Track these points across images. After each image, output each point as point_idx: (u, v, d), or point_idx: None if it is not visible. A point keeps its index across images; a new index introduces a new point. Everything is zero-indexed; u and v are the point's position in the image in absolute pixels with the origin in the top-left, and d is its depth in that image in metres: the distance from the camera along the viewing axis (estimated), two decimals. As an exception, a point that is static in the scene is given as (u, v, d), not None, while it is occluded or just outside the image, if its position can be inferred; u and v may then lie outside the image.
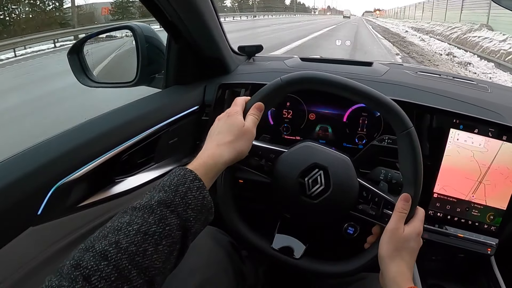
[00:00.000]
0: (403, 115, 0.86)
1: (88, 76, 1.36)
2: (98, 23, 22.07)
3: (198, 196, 0.67)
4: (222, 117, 0.86)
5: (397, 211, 0.83)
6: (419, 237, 0.84)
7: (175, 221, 0.63)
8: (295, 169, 0.91)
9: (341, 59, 1.61)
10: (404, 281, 0.77)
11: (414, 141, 0.85)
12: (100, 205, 0.97)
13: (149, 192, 0.67)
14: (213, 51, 1.31)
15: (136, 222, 0.60)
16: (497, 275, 1.15)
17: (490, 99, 1.24)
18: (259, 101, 0.89)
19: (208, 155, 0.76)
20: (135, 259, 0.57)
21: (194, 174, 0.69)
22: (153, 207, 0.63)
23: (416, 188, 0.85)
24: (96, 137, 0.97)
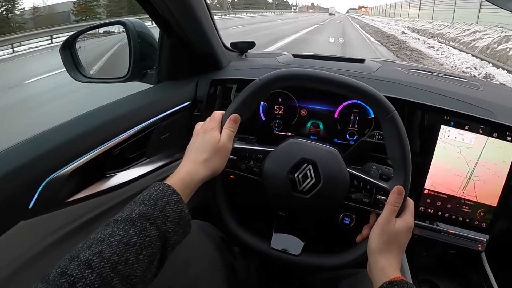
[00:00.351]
0: (384, 100, 0.88)
1: (80, 71, 1.37)
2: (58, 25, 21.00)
3: (176, 210, 0.72)
4: (199, 133, 0.90)
5: (390, 204, 0.84)
6: (409, 231, 0.85)
7: (155, 232, 0.67)
8: (284, 167, 0.92)
9: (334, 56, 1.63)
10: (391, 271, 0.78)
11: (398, 124, 0.86)
12: (92, 200, 0.97)
13: (129, 206, 0.71)
14: (205, 47, 1.32)
15: (118, 234, 0.64)
16: (488, 271, 1.16)
17: (481, 97, 1.25)
18: (235, 111, 0.91)
19: (185, 172, 0.80)
20: (118, 267, 0.61)
21: (172, 188, 0.74)
22: (134, 219, 0.67)
23: (406, 171, 0.86)
24: (88, 132, 0.97)
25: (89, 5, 34.84)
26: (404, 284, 0.74)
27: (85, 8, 34.19)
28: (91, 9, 34.53)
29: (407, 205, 0.87)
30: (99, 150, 0.97)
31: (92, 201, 0.97)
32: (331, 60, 1.53)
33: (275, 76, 0.92)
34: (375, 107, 0.90)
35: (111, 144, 1.00)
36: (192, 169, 0.81)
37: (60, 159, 0.90)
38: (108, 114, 1.05)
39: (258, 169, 0.94)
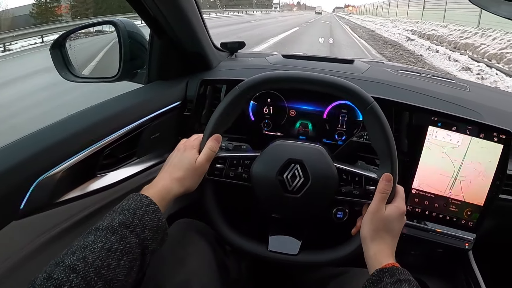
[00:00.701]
0: (362, 92, 0.90)
1: (71, 71, 1.37)
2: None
3: (154, 218, 0.76)
4: (180, 149, 0.95)
5: (379, 192, 0.87)
6: (402, 216, 0.88)
7: (135, 240, 0.72)
8: (272, 169, 0.94)
9: (323, 56, 1.65)
10: (384, 257, 0.81)
11: (379, 114, 0.89)
12: (83, 200, 0.98)
13: (109, 215, 0.75)
14: (196, 47, 1.33)
15: (100, 241, 0.69)
16: (475, 269, 1.19)
17: (469, 98, 1.28)
18: (218, 119, 0.95)
19: (162, 185, 0.85)
20: (101, 272, 0.65)
21: (149, 199, 0.78)
22: (115, 227, 0.71)
23: (392, 159, 0.89)
24: (78, 132, 0.98)
25: (49, 6, 32.57)
26: (395, 270, 0.76)
27: (45, 10, 31.96)
28: (51, 11, 32.14)
29: (397, 191, 0.90)
30: (89, 150, 0.97)
31: (83, 201, 0.98)
32: (320, 60, 1.56)
33: (252, 82, 0.95)
34: (355, 100, 0.92)
35: (102, 144, 1.01)
36: (168, 184, 0.86)
37: (51, 160, 0.90)
38: (98, 114, 1.06)
39: (247, 175, 0.96)
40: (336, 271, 1.13)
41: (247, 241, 0.98)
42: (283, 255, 0.96)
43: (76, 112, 1.06)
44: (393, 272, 0.76)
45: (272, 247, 0.98)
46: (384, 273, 0.76)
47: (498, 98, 1.62)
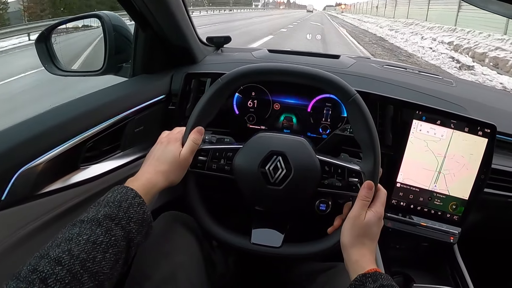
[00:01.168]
0: (344, 84, 0.91)
1: (55, 64, 1.37)
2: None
3: (139, 211, 0.76)
4: (163, 142, 0.95)
5: (360, 199, 0.87)
6: (380, 220, 0.88)
7: (120, 232, 0.72)
8: (254, 161, 0.94)
9: (309, 51, 1.66)
10: (366, 262, 0.81)
11: (361, 106, 0.90)
12: (65, 191, 0.98)
13: (93, 207, 0.75)
14: (180, 40, 1.34)
15: (85, 233, 0.69)
16: (460, 263, 1.20)
17: (454, 93, 1.29)
18: (201, 113, 0.96)
19: (147, 179, 0.85)
20: (86, 264, 0.65)
21: (134, 191, 0.79)
22: (100, 220, 0.71)
23: (374, 150, 0.89)
24: (62, 123, 0.98)
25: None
26: (378, 275, 0.76)
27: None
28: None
29: (378, 195, 0.90)
30: (72, 142, 0.98)
31: (65, 193, 0.98)
32: (306, 55, 1.57)
33: (234, 75, 0.95)
34: (337, 92, 0.93)
35: (85, 136, 1.01)
36: (153, 178, 0.86)
37: (33, 151, 0.90)
38: (82, 107, 1.06)
39: (229, 167, 0.97)
40: (324, 266, 1.14)
41: (229, 233, 0.99)
42: (266, 248, 0.97)
43: (60, 104, 1.06)
44: (376, 277, 0.76)
45: (255, 239, 0.98)
46: (367, 278, 0.77)
47: (483, 93, 1.64)
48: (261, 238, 0.98)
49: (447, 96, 1.27)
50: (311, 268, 1.18)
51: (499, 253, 1.59)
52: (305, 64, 0.99)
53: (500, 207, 1.26)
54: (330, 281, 1.07)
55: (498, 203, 1.24)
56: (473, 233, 1.21)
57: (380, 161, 0.90)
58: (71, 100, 1.10)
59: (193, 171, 0.96)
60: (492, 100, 1.48)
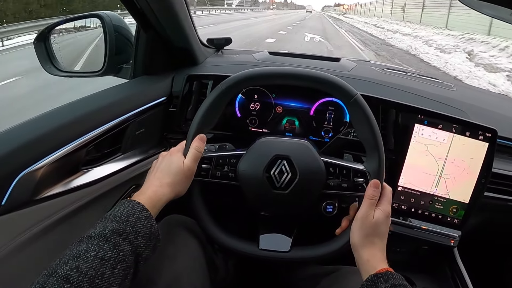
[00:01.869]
0: (346, 85, 0.92)
1: (55, 64, 1.36)
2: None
3: (147, 225, 0.76)
4: (165, 156, 0.95)
5: (367, 198, 0.88)
6: (388, 218, 0.89)
7: (128, 247, 0.72)
8: (258, 167, 0.95)
9: (310, 54, 1.68)
10: (377, 262, 0.82)
11: (363, 105, 0.90)
12: (67, 195, 0.97)
13: (101, 222, 0.75)
14: (183, 42, 1.33)
15: (93, 249, 0.68)
16: (460, 266, 1.21)
17: (454, 97, 1.31)
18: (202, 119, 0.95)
19: (153, 191, 0.85)
20: (95, 281, 0.65)
21: (141, 205, 0.78)
22: (107, 235, 0.71)
23: (378, 150, 0.90)
24: (62, 126, 0.97)
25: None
26: (389, 275, 0.77)
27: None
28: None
29: (384, 193, 0.91)
30: (73, 145, 0.97)
31: (66, 197, 0.97)
32: (307, 58, 1.58)
33: (234, 80, 0.95)
34: (338, 94, 0.93)
35: (86, 139, 1.00)
36: (158, 190, 0.86)
37: (34, 154, 0.90)
38: (82, 109, 1.06)
39: (233, 174, 0.97)
40: (327, 270, 1.14)
41: (237, 240, 0.99)
42: (275, 253, 0.97)
43: (59, 106, 1.06)
44: (388, 277, 0.77)
45: (263, 245, 0.98)
46: (378, 278, 0.77)
47: (482, 97, 1.66)
48: (269, 244, 0.99)
49: (448, 100, 1.29)
50: (314, 271, 1.18)
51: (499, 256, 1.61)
52: (306, 67, 1.00)
53: (500, 211, 1.28)
54: (333, 285, 1.07)
55: (498, 207, 1.25)
56: (473, 236, 1.23)
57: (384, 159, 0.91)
58: (71, 101, 1.09)
59: (197, 179, 0.96)
60: (491, 104, 1.50)
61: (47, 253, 0.92)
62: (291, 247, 0.98)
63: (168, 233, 1.01)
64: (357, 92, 0.91)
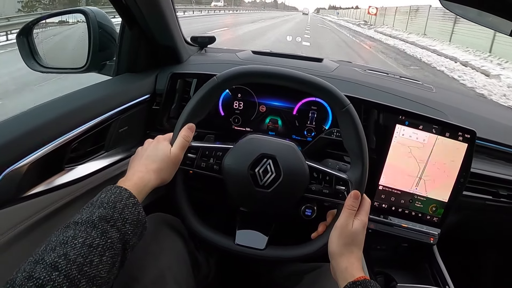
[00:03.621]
0: (339, 94, 0.94)
1: (37, 60, 1.36)
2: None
3: (134, 212, 0.76)
4: (152, 141, 0.95)
5: (347, 208, 0.90)
6: (364, 229, 0.91)
7: (116, 234, 0.71)
8: (244, 163, 0.96)
9: (293, 54, 1.70)
10: (355, 270, 0.84)
11: (354, 116, 0.93)
12: (51, 193, 0.97)
13: (87, 207, 0.75)
14: (167, 39, 1.34)
15: (81, 236, 0.68)
16: (440, 263, 1.25)
17: (434, 99, 1.34)
18: (194, 108, 0.96)
19: (138, 177, 0.85)
20: (83, 269, 0.64)
21: (129, 192, 0.78)
22: (95, 222, 0.70)
23: (363, 160, 0.93)
24: (45, 124, 0.97)
25: None
26: (368, 283, 0.79)
27: None
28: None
29: (363, 203, 0.93)
30: (56, 143, 0.97)
31: (50, 195, 0.97)
32: (290, 58, 1.60)
33: (233, 74, 0.96)
34: (331, 101, 0.95)
35: (69, 137, 1.00)
36: (145, 176, 0.85)
37: (17, 152, 0.89)
38: (65, 106, 1.05)
39: (218, 167, 0.98)
40: (308, 267, 1.17)
41: (214, 233, 1.00)
42: (250, 249, 0.99)
43: (43, 103, 1.05)
44: (366, 285, 0.79)
45: (239, 240, 1.00)
46: (357, 285, 0.79)
47: (462, 99, 1.71)
48: (245, 240, 1.00)
49: (428, 101, 1.32)
50: (295, 269, 1.20)
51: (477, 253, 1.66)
52: (290, 67, 1.02)
53: (478, 209, 1.32)
54: (316, 282, 1.10)
55: (476, 205, 1.30)
56: (452, 234, 1.27)
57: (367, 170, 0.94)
58: (54, 99, 1.08)
59: (180, 168, 0.96)
60: (470, 106, 1.55)
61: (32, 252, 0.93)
62: (266, 245, 1.00)
63: (152, 231, 1.02)
64: (349, 102, 0.93)
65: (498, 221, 1.46)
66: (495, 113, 1.66)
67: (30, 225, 0.93)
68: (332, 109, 0.99)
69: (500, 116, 1.57)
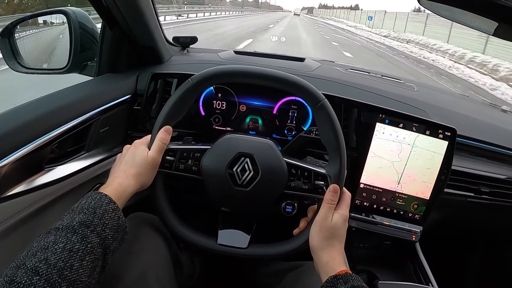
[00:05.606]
0: (314, 89, 0.96)
1: (19, 61, 1.36)
2: None
3: (114, 217, 0.78)
4: (130, 147, 0.97)
5: (326, 203, 0.91)
6: (346, 222, 0.92)
7: (96, 239, 0.73)
8: (221, 163, 0.97)
9: (274, 53, 1.72)
10: (337, 264, 0.85)
11: (329, 111, 0.94)
12: (30, 194, 0.97)
13: (68, 214, 0.76)
14: (148, 40, 1.35)
15: (61, 241, 0.70)
16: (422, 260, 1.27)
17: (416, 97, 1.37)
18: (169, 111, 0.98)
19: (118, 183, 0.87)
20: (64, 273, 0.66)
21: (109, 197, 0.80)
22: (75, 227, 0.72)
23: (341, 155, 0.94)
24: (25, 124, 0.97)
25: None
26: (349, 277, 0.81)
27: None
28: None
29: (343, 197, 0.94)
30: (37, 143, 0.97)
31: (30, 195, 0.97)
32: (272, 57, 1.62)
33: (207, 75, 0.97)
34: (306, 97, 0.97)
35: (50, 137, 1.00)
36: (124, 182, 0.87)
37: None
38: (46, 106, 1.06)
39: (197, 168, 1.00)
40: (292, 265, 1.18)
41: (196, 234, 1.01)
42: (232, 248, 1.00)
43: (23, 104, 1.06)
44: (347, 278, 0.80)
45: (222, 240, 1.01)
46: (338, 279, 0.80)
47: (444, 97, 1.74)
48: (227, 239, 1.02)
49: (409, 100, 1.34)
50: (279, 267, 1.22)
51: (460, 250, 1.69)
52: (271, 67, 1.03)
53: (459, 206, 1.34)
54: (298, 280, 1.11)
55: (458, 202, 1.32)
56: (435, 231, 1.29)
57: (346, 164, 0.95)
58: (35, 99, 1.09)
59: (160, 171, 0.98)
60: (452, 104, 1.57)
61: (11, 253, 0.92)
62: (248, 244, 1.01)
63: (133, 230, 1.02)
64: (324, 98, 0.95)
65: (480, 218, 1.48)
66: (477, 111, 1.69)
67: (10, 226, 0.93)
68: (308, 105, 1.00)
69: (482, 114, 1.60)
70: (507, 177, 1.36)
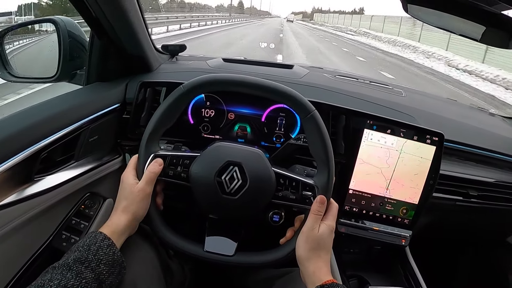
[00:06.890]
0: (304, 100, 0.97)
1: (8, 70, 1.36)
2: None
3: (109, 252, 0.81)
4: (122, 177, 0.99)
5: (313, 213, 0.93)
6: (332, 233, 0.94)
7: (90, 275, 0.76)
8: (210, 170, 0.98)
9: (263, 61, 1.72)
10: (323, 274, 0.87)
11: (319, 122, 0.96)
12: (19, 204, 0.97)
13: (66, 254, 0.79)
14: (137, 49, 1.36)
15: (56, 278, 0.73)
16: (412, 264, 1.29)
17: (403, 103, 1.38)
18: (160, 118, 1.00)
19: (111, 220, 0.92)
20: None
21: (103, 234, 0.84)
22: (70, 264, 0.75)
23: (329, 166, 0.95)
24: (14, 134, 0.98)
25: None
26: (335, 286, 0.82)
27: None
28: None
29: (330, 208, 0.96)
30: (25, 153, 0.97)
31: (19, 205, 0.97)
32: (260, 65, 1.63)
33: (199, 82, 0.99)
34: (296, 108, 0.98)
35: (39, 147, 1.01)
36: (115, 218, 0.91)
37: None
38: (35, 116, 1.06)
39: (185, 175, 1.00)
40: (280, 272, 1.19)
41: (183, 241, 1.02)
42: (219, 256, 1.01)
43: (11, 114, 1.06)
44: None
45: (208, 247, 1.02)
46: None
47: (431, 102, 1.76)
48: (214, 246, 1.02)
49: (397, 105, 1.36)
50: (268, 274, 1.23)
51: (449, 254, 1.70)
52: (260, 74, 1.05)
53: (448, 210, 1.36)
54: (287, 286, 1.12)
55: (447, 206, 1.34)
56: (424, 235, 1.30)
57: (334, 175, 0.96)
58: (23, 109, 1.09)
59: None
60: (439, 109, 1.59)
61: (3, 263, 0.94)
62: (235, 252, 1.02)
63: None
64: (314, 109, 0.96)
65: (469, 221, 1.50)
66: (465, 115, 1.71)
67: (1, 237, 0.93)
68: (298, 115, 1.01)
69: (470, 118, 1.62)
70: (495, 180, 1.38)
